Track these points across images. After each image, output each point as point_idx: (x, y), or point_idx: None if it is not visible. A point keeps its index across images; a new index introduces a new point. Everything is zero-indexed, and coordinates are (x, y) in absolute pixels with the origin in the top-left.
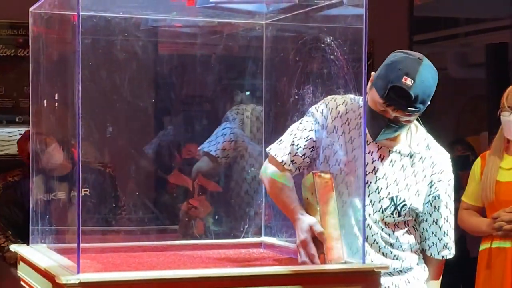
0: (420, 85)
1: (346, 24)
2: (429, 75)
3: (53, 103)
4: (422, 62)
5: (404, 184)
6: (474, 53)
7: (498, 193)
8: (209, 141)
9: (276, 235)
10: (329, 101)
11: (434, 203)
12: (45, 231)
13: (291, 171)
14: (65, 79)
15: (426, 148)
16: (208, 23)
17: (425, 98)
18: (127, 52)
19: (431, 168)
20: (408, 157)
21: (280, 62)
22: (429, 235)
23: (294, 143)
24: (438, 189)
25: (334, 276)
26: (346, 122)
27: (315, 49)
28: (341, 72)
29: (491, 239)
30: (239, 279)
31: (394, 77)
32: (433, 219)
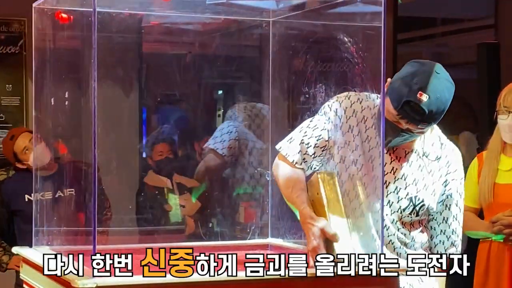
0: (435, 101)
1: (360, 22)
2: (445, 89)
3: (50, 101)
4: (439, 75)
5: (423, 184)
6: (452, 53)
7: (497, 196)
8: (214, 137)
9: (284, 237)
10: (343, 99)
11: (446, 201)
12: (49, 233)
13: (303, 169)
14: (67, 77)
15: (440, 147)
16: (214, 20)
17: (440, 113)
18: (129, 50)
19: (447, 167)
20: (424, 156)
21: (288, 60)
22: (438, 233)
23: (304, 142)
24: (451, 188)
25: (354, 278)
26: (362, 121)
27: (326, 47)
28: (355, 71)
29: (490, 242)
30: (248, 282)
31: (409, 92)
32: (443, 217)
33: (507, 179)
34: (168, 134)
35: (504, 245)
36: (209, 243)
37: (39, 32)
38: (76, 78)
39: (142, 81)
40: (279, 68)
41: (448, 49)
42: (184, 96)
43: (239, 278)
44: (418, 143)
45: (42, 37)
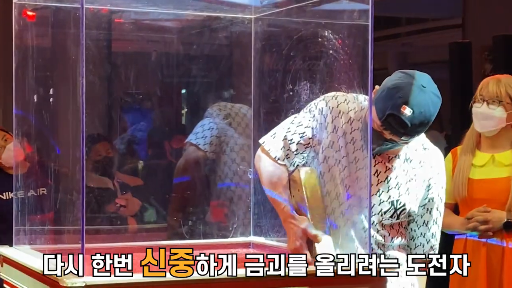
0: (419, 116)
1: (345, 19)
2: (430, 103)
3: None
4: (425, 89)
5: (405, 189)
6: (418, 53)
7: (471, 191)
8: (195, 133)
9: (266, 235)
10: (330, 99)
11: (427, 205)
12: (31, 232)
13: (285, 166)
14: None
15: (423, 151)
16: (196, 17)
17: (423, 127)
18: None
19: (430, 171)
20: (408, 161)
21: (270, 57)
22: (417, 236)
23: (287, 138)
24: (433, 192)
25: (341, 277)
26: (348, 122)
27: (309, 44)
28: (339, 69)
29: (465, 238)
30: (236, 281)
31: (393, 104)
32: (423, 220)
33: (481, 175)
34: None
35: (479, 241)
36: (191, 241)
37: (19, 29)
38: (55, 76)
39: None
40: (261, 65)
41: (414, 49)
42: (160, 95)
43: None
44: (402, 148)
45: (22, 34)
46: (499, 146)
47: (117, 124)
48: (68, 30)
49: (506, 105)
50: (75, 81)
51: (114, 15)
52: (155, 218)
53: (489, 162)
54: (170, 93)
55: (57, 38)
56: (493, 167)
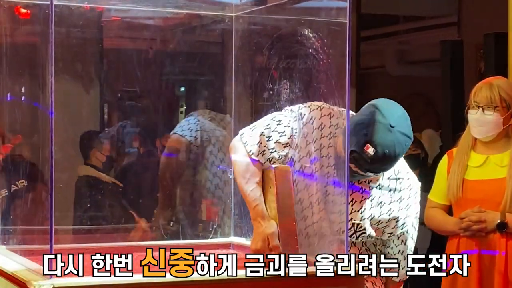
0: (381, 156)
1: (325, 17)
2: (396, 144)
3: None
4: (393, 129)
5: (368, 214)
6: (415, 51)
7: (465, 192)
8: (180, 125)
9: (246, 236)
10: (314, 108)
11: (401, 237)
12: (5, 232)
13: (259, 162)
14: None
15: (396, 181)
16: (175, 15)
17: (387, 165)
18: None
19: (398, 203)
20: (377, 188)
21: (251, 56)
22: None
23: (265, 134)
24: (406, 225)
25: (318, 278)
26: (327, 136)
27: (290, 42)
28: (319, 67)
29: (458, 238)
30: (218, 283)
31: (357, 142)
32: (399, 249)
33: (476, 176)
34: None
35: (472, 240)
36: (171, 242)
37: None
38: (34, 74)
39: (102, 76)
40: (242, 64)
41: (411, 47)
42: (143, 93)
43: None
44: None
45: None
46: (494, 147)
47: (103, 122)
48: (40, 28)
49: (501, 109)
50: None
51: (92, 13)
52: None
53: (485, 163)
54: (148, 91)
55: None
56: (488, 168)
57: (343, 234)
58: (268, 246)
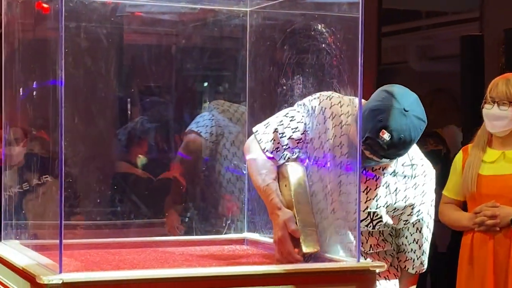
0: (397, 141)
1: (339, 12)
2: (411, 128)
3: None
4: (407, 113)
5: (384, 202)
6: (437, 46)
7: (480, 187)
8: (196, 122)
9: (260, 231)
10: (324, 99)
11: (416, 225)
12: (18, 226)
13: (274, 159)
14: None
15: (411, 167)
16: (190, 10)
17: (403, 151)
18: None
19: (414, 189)
20: (391, 175)
21: (265, 51)
22: (408, 251)
23: (278, 131)
24: (421, 212)
25: (329, 274)
26: (339, 125)
27: (304, 37)
28: (332, 63)
29: (472, 233)
30: (229, 278)
31: (372, 128)
32: (413, 238)
33: (491, 171)
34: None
35: (486, 235)
36: (184, 237)
37: (8, 21)
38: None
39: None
40: (256, 58)
41: (433, 42)
42: (160, 88)
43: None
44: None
45: (12, 26)
46: (510, 143)
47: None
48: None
49: None
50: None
51: (107, 8)
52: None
53: (500, 158)
54: (162, 86)
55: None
56: (504, 163)
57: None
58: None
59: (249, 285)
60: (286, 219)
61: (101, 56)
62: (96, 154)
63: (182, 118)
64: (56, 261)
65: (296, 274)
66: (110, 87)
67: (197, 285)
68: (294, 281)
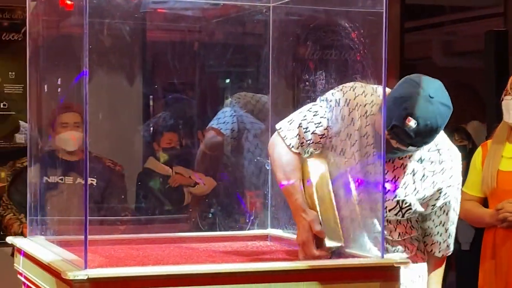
0: (423, 128)
1: (362, 7)
2: (437, 115)
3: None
4: (433, 100)
5: (412, 188)
6: (461, 42)
7: (501, 182)
8: (217, 118)
9: (283, 227)
10: (347, 90)
11: (443, 208)
12: (44, 222)
13: (299, 154)
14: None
15: (437, 152)
16: (213, 6)
17: (430, 138)
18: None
19: (441, 174)
20: (418, 162)
21: (288, 46)
22: (434, 234)
23: (302, 126)
24: (448, 195)
25: (353, 271)
26: (364, 115)
27: (327, 33)
28: (356, 58)
29: (495, 230)
30: (253, 274)
31: (398, 116)
32: (440, 221)
33: (511, 166)
34: (176, 123)
35: (509, 231)
36: (207, 233)
37: (34, 18)
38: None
39: (143, 68)
40: (279, 54)
41: (457, 37)
42: (183, 84)
43: (240, 269)
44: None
45: (37, 24)
46: None
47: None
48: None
49: None
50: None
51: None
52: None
53: None
54: (185, 83)
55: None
56: None
57: (386, 214)
58: (313, 233)
59: (272, 281)
60: (311, 220)
61: (124, 52)
62: (119, 150)
63: (205, 114)
64: (81, 257)
65: (321, 270)
66: (134, 84)
67: (220, 281)
68: (318, 278)
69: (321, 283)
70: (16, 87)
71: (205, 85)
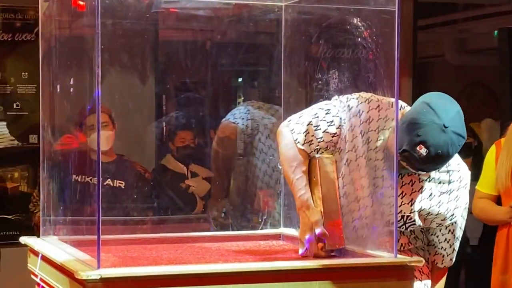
0: (434, 156)
1: (375, 5)
2: (450, 145)
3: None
4: (447, 129)
5: (418, 207)
6: (474, 39)
7: None
8: (232, 113)
9: (296, 226)
10: (362, 101)
11: (449, 227)
12: (58, 222)
13: (305, 151)
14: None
15: (446, 174)
16: (225, 5)
17: (440, 165)
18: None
19: (448, 195)
20: (427, 181)
21: (300, 45)
22: (438, 247)
23: (312, 123)
24: (455, 216)
25: (367, 270)
26: (376, 130)
27: (339, 32)
28: (368, 57)
29: (508, 227)
30: (266, 274)
31: (410, 141)
32: (445, 238)
33: None
34: (191, 121)
35: None
36: (220, 233)
37: (46, 19)
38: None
39: (155, 67)
40: (291, 53)
41: (470, 35)
42: (196, 83)
43: (254, 268)
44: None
45: (50, 24)
46: None
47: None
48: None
49: None
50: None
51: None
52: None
53: None
54: (198, 82)
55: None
56: None
57: (391, 225)
58: (315, 234)
59: (286, 280)
60: (314, 221)
61: (137, 52)
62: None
63: (217, 113)
64: (94, 257)
65: (334, 269)
66: (146, 83)
67: (233, 281)
68: (331, 277)
69: (334, 282)
70: (29, 87)
71: (217, 85)
